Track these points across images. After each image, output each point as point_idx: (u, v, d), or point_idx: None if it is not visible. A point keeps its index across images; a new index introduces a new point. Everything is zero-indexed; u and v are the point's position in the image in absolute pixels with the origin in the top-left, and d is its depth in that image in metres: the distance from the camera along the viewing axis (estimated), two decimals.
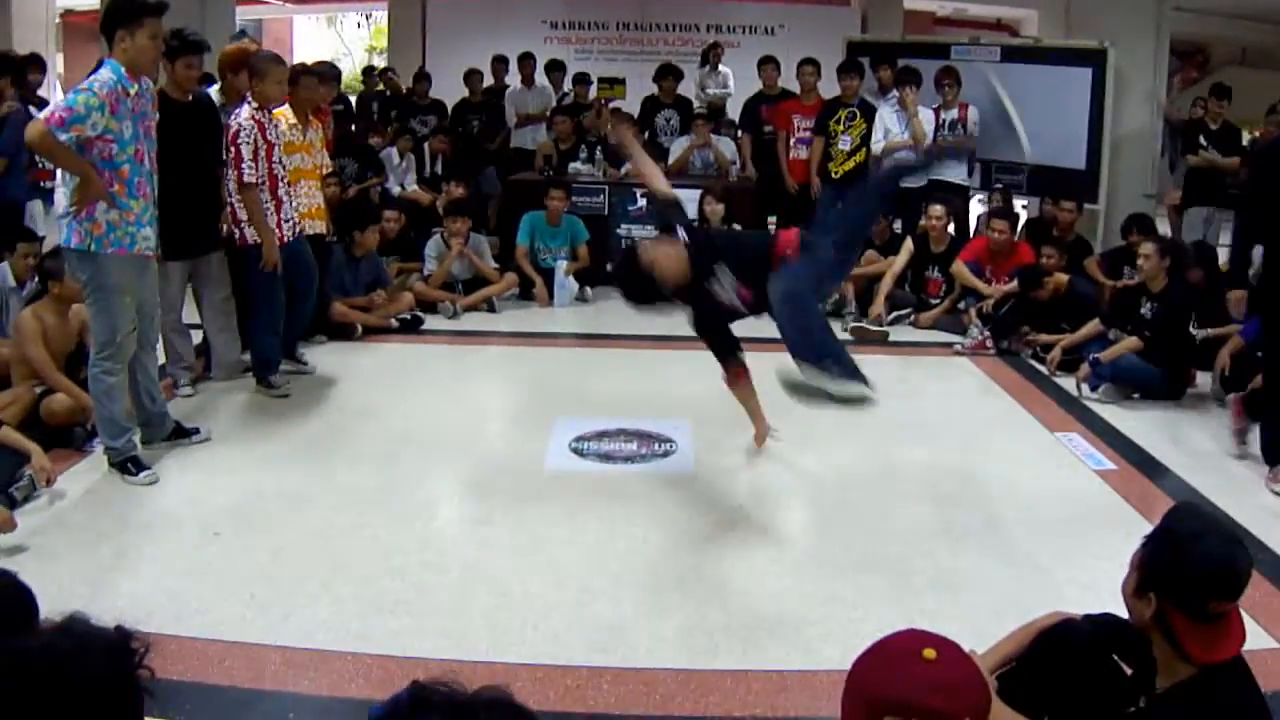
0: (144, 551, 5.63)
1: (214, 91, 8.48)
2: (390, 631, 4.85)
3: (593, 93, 15.41)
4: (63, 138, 6.07)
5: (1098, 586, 5.08)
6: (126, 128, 6.35)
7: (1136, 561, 3.22)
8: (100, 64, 6.53)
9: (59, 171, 6.41)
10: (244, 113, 8.05)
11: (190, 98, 7.75)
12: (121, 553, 5.57)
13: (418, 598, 5.16)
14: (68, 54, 26.72)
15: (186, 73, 7.61)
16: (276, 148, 8.15)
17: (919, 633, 2.32)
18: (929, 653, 2.23)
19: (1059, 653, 3.55)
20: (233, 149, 7.97)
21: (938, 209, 11.24)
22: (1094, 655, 3.49)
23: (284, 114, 8.62)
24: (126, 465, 6.59)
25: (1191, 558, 3.07)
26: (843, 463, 7.19)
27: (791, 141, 13.37)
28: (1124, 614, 3.36)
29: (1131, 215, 11.30)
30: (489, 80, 16.45)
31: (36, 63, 11.86)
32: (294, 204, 8.36)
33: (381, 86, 17.19)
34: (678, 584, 5.38)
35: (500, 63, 16.35)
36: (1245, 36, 23.38)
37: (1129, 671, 3.42)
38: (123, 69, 6.34)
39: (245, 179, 7.95)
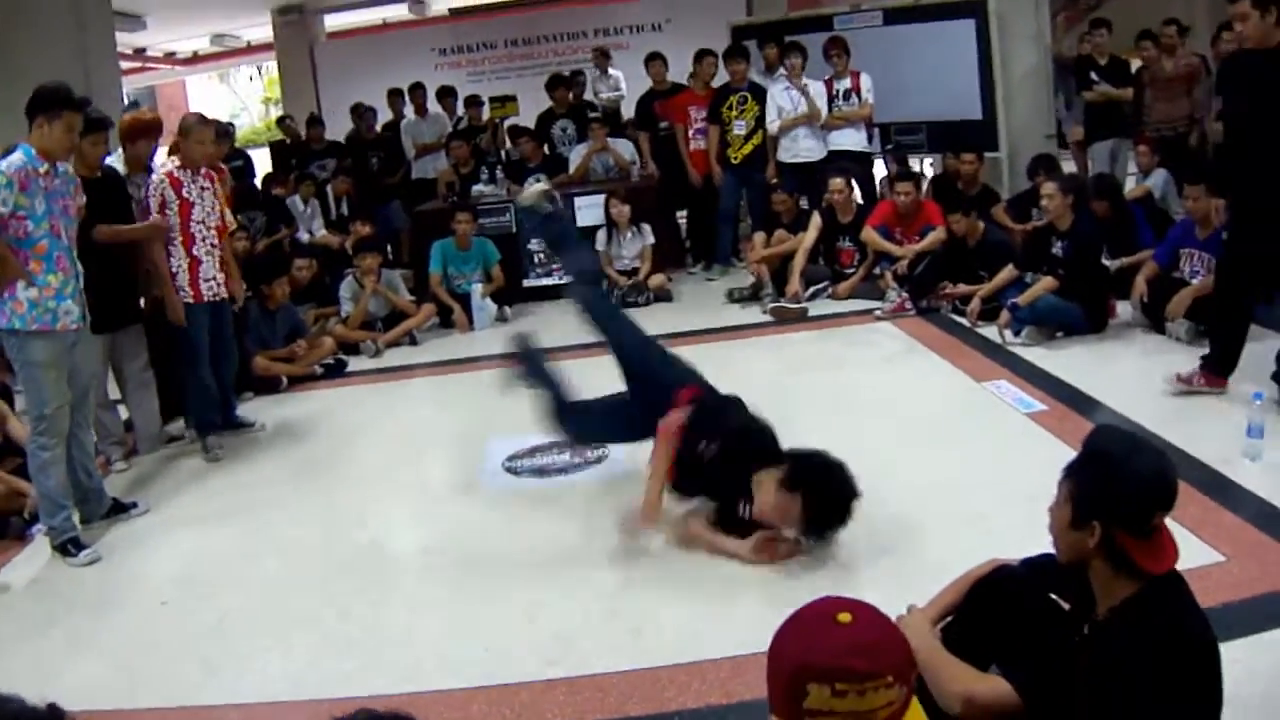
0: (94, 631, 5.60)
1: (114, 160, 8.45)
2: (344, 674, 4.85)
3: (486, 114, 15.41)
4: None
5: (1039, 529, 5.05)
6: (39, 204, 6.39)
7: (1067, 494, 3.24)
8: (13, 149, 6.59)
9: None
10: (162, 169, 8.11)
11: (99, 173, 7.74)
12: (73, 635, 5.53)
13: (367, 637, 5.17)
14: None
15: (93, 150, 7.60)
16: (197, 207, 8.12)
17: (833, 599, 2.32)
18: (844, 616, 2.23)
19: (997, 598, 3.59)
20: (143, 203, 8.03)
21: (837, 181, 11.29)
22: (1031, 595, 3.53)
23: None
24: (67, 546, 6.54)
25: (1131, 476, 3.11)
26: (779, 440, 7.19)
27: (690, 134, 13.46)
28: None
29: (1036, 157, 11.40)
30: (385, 115, 16.41)
31: None
32: (215, 265, 8.28)
33: (281, 135, 17.13)
34: (623, 586, 5.41)
35: (395, 95, 16.30)
36: None
37: (1067, 607, 3.44)
38: (34, 151, 6.41)
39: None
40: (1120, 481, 3.11)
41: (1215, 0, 20.39)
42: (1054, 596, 3.51)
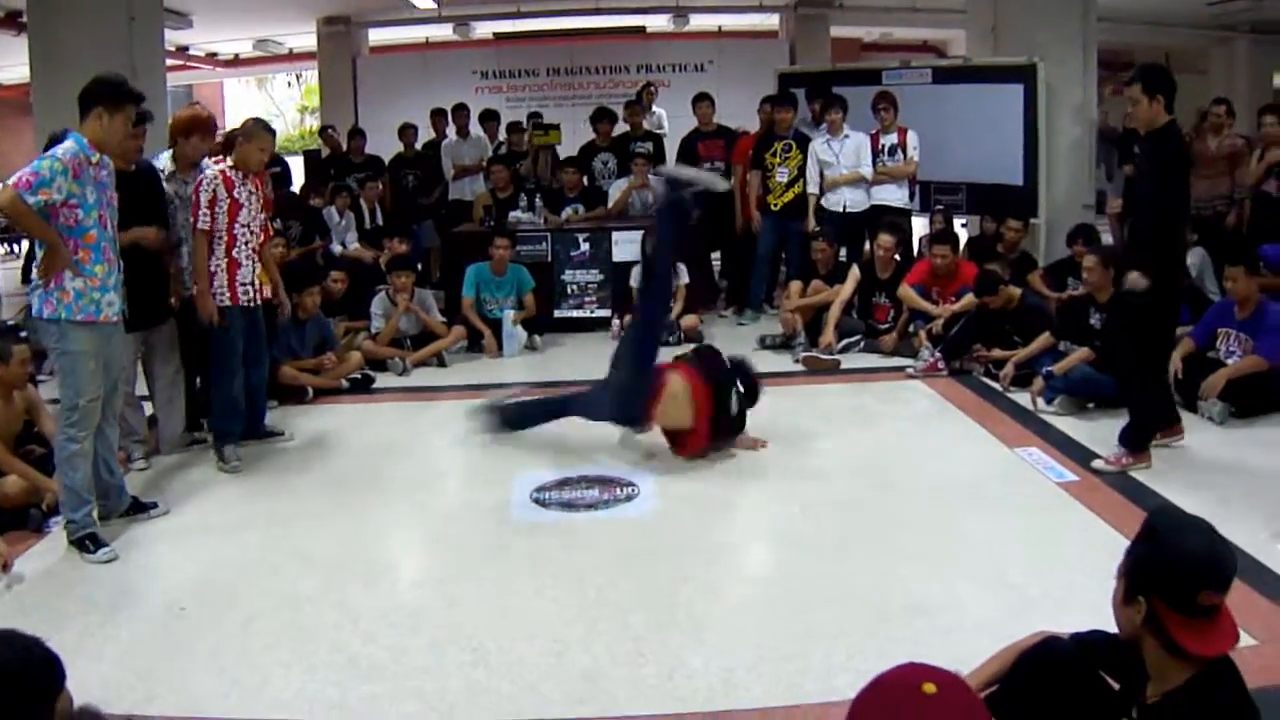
0: (108, 631, 5.53)
1: (165, 158, 8.42)
2: (366, 697, 4.78)
3: (527, 140, 15.37)
4: (30, 201, 6.12)
5: (1071, 600, 5.08)
6: (90, 193, 6.40)
7: (1122, 570, 3.23)
8: (64, 135, 6.59)
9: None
10: (217, 166, 8.10)
11: (133, 167, 7.72)
12: (86, 634, 5.46)
13: (391, 661, 5.10)
14: None
15: (131, 143, 7.57)
16: (244, 210, 8.09)
17: (917, 666, 2.29)
18: (929, 687, 2.20)
19: (1043, 672, 3.54)
20: (194, 196, 7.98)
21: (887, 239, 11.29)
22: (1078, 672, 3.48)
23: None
24: (85, 542, 6.50)
25: (1177, 552, 3.11)
26: (807, 494, 7.17)
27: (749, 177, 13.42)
28: (1107, 628, 3.36)
29: (1076, 226, 11.39)
30: (426, 134, 16.40)
31: None
32: (254, 270, 8.24)
33: (319, 144, 17.11)
34: (652, 628, 5.33)
35: (439, 115, 16.29)
36: (1168, 42, 23.64)
37: (1115, 686, 3.40)
38: (85, 140, 6.41)
39: (197, 225, 7.92)
40: (1165, 557, 3.13)
41: (1257, 82, 20.58)
42: (1103, 675, 3.47)
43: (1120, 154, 13.41)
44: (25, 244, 10.40)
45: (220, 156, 8.56)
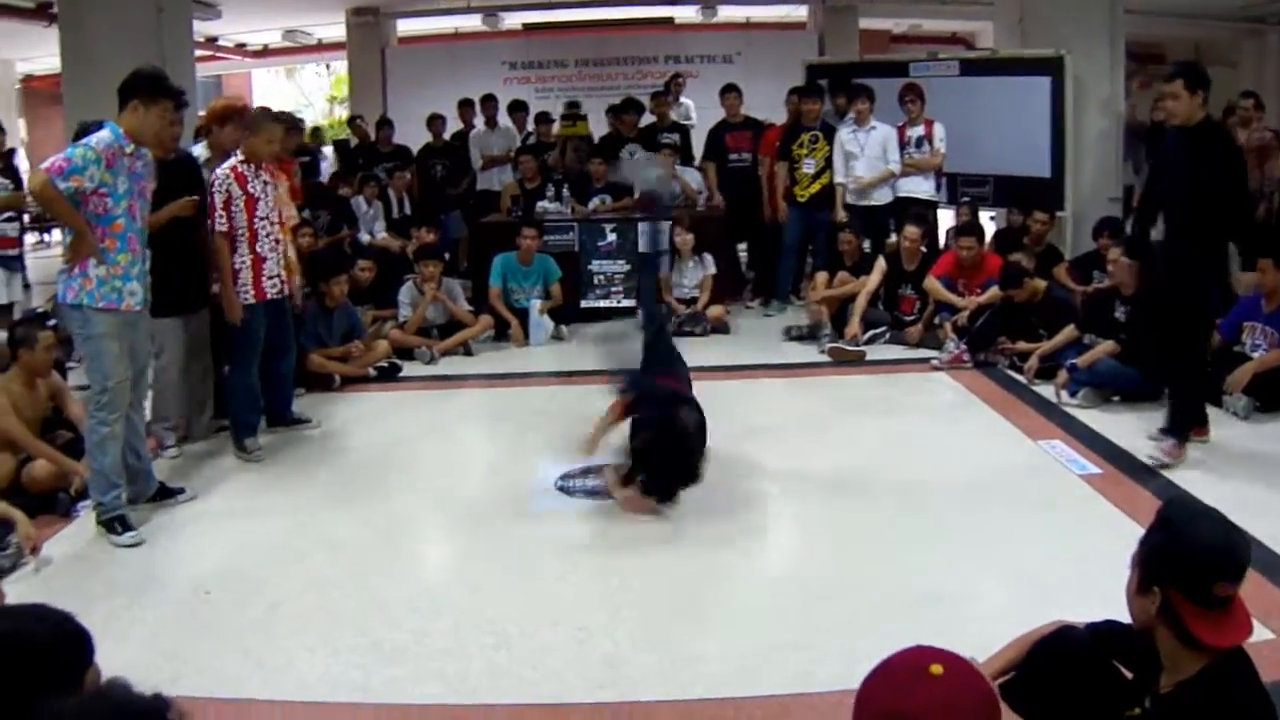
0: (134, 614, 5.59)
1: (201, 147, 8.47)
2: (390, 679, 4.84)
3: (555, 130, 15.40)
4: (61, 187, 6.21)
5: (1090, 591, 5.06)
6: (121, 183, 6.48)
7: (1136, 559, 3.24)
8: (98, 125, 6.65)
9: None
10: (226, 163, 8.04)
11: (171, 155, 7.74)
12: (112, 616, 5.50)
13: (414, 644, 5.15)
14: (29, 118, 26.80)
15: (169, 130, 7.57)
16: (261, 203, 8.07)
17: (924, 649, 2.31)
18: (936, 668, 2.22)
19: (1058, 660, 3.56)
20: (209, 198, 7.96)
21: (913, 230, 11.29)
22: (1093, 661, 3.50)
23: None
24: (114, 524, 6.57)
25: (1191, 541, 3.10)
26: (829, 484, 7.22)
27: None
28: (1123, 619, 3.37)
29: (1102, 219, 11.38)
30: (454, 125, 16.44)
31: None
32: (279, 262, 8.28)
33: (348, 134, 17.12)
34: (672, 615, 5.39)
35: (466, 106, 16.32)
36: (1198, 35, 23.51)
37: (1130, 676, 3.42)
38: (122, 131, 6.48)
39: (215, 228, 7.91)
40: (1180, 547, 3.12)
41: None
42: (1117, 664, 3.49)
43: (1147, 148, 13.31)
44: (58, 233, 10.52)
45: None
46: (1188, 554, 3.09)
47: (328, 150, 17.93)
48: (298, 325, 9.10)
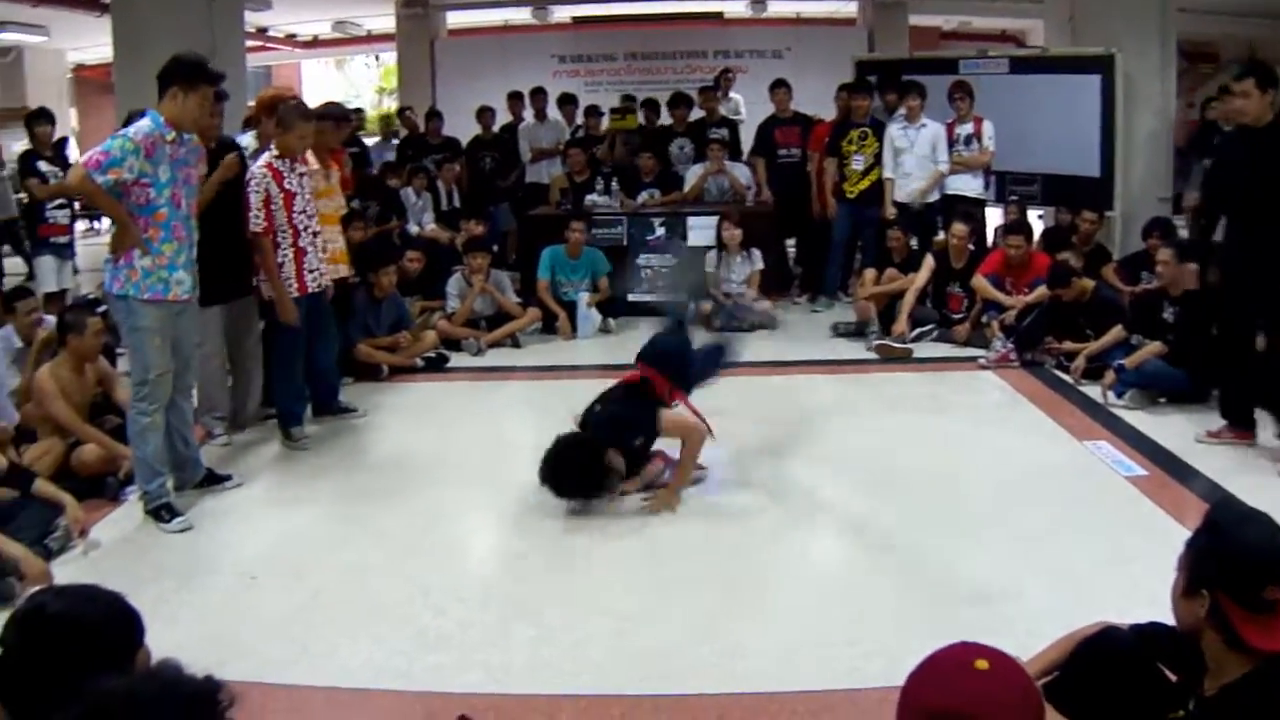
0: (181, 598, 5.65)
1: (250, 137, 8.50)
2: (432, 667, 4.87)
3: (605, 124, 15.44)
4: (100, 180, 6.22)
5: (1135, 593, 5.06)
6: (163, 172, 6.48)
7: (1183, 563, 3.22)
8: (141, 113, 6.67)
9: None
10: (261, 160, 8.05)
11: (214, 144, 7.76)
12: (160, 599, 5.55)
13: (458, 633, 5.18)
14: (81, 107, 27.01)
15: (209, 121, 7.56)
16: (299, 197, 8.09)
17: (970, 645, 2.32)
18: (981, 663, 2.23)
19: (1102, 661, 3.55)
20: (244, 197, 7.96)
21: (961, 227, 11.21)
22: (1137, 662, 3.49)
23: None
24: (160, 512, 6.64)
25: (1240, 545, 3.08)
26: (875, 481, 7.20)
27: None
28: (1168, 621, 3.36)
29: (1153, 219, 11.27)
30: (503, 117, 16.45)
31: (42, 116, 11.90)
32: (319, 254, 8.32)
33: (398, 126, 17.14)
34: (715, 609, 5.39)
35: (516, 99, 16.30)
36: (1251, 33, 23.35)
37: (1173, 678, 3.41)
38: (163, 119, 6.50)
39: (251, 228, 7.92)
40: (1229, 550, 3.10)
41: None
42: (1161, 667, 3.48)
43: (1200, 148, 13.23)
44: (107, 220, 10.70)
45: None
46: (1237, 557, 3.07)
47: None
48: (346, 315, 9.14)
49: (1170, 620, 3.35)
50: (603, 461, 6.68)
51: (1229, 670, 3.09)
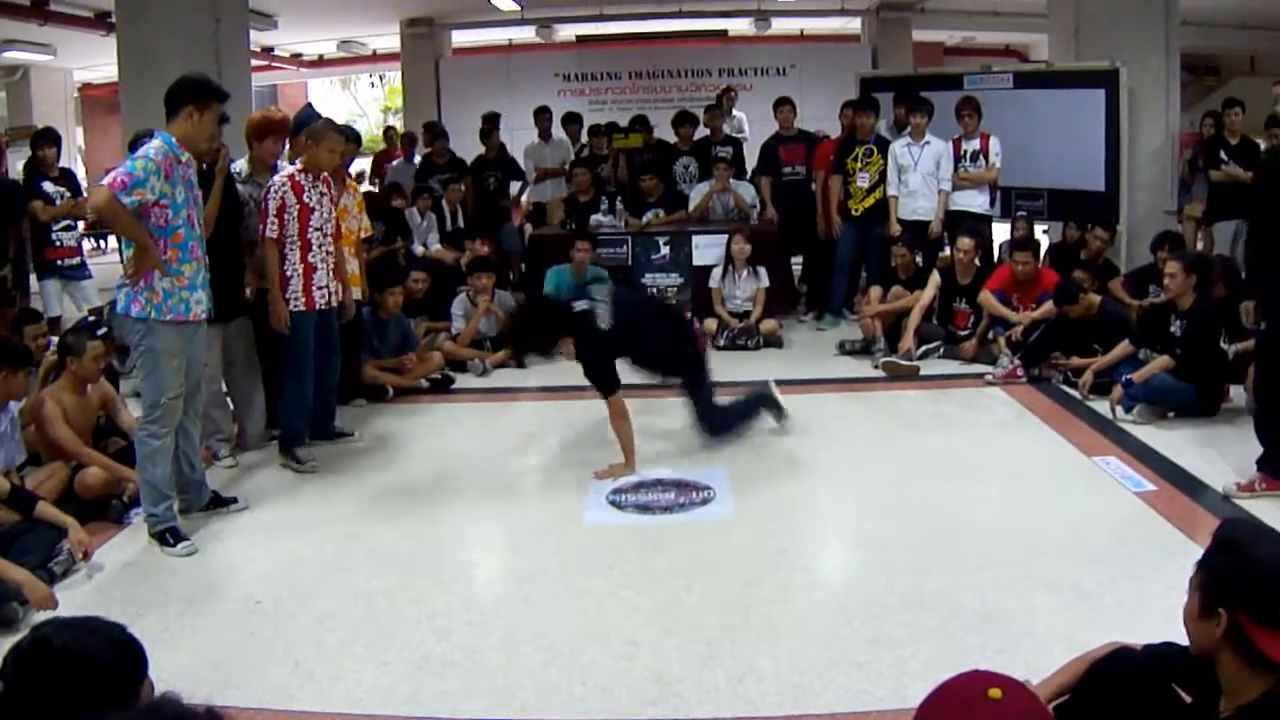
0: (186, 622, 5.62)
1: (242, 163, 8.48)
2: (438, 693, 4.83)
3: (608, 144, 15.40)
4: (126, 201, 6.21)
5: (1146, 611, 5.04)
6: (179, 193, 6.50)
7: (1196, 583, 3.18)
8: (150, 135, 6.68)
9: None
10: (285, 171, 8.10)
11: (205, 165, 7.72)
12: (164, 624, 5.56)
13: (464, 658, 5.14)
14: (86, 126, 27.10)
15: (210, 144, 7.59)
16: (316, 214, 8.10)
17: (983, 673, 2.29)
18: (994, 692, 2.20)
19: (1114, 683, 3.52)
20: (262, 204, 8.00)
21: (967, 242, 11.18)
22: (1150, 684, 3.45)
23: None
24: (165, 536, 6.61)
25: (1258, 562, 3.03)
26: (882, 499, 7.17)
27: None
28: (1180, 640, 3.33)
29: (1162, 233, 11.26)
30: (505, 137, 16.34)
31: (47, 137, 11.85)
32: (329, 273, 8.29)
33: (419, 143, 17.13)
34: (724, 632, 5.34)
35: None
36: (1255, 46, 23.38)
37: (1188, 700, 3.38)
38: (174, 139, 6.50)
39: (264, 234, 7.96)
40: (1246, 568, 3.04)
41: None
42: (1175, 688, 3.44)
43: (1205, 160, 13.23)
44: (114, 240, 10.62)
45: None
46: (1254, 575, 3.02)
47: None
48: (352, 337, 9.12)
49: (1183, 639, 3.31)
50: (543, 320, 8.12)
51: (1246, 690, 3.05)
